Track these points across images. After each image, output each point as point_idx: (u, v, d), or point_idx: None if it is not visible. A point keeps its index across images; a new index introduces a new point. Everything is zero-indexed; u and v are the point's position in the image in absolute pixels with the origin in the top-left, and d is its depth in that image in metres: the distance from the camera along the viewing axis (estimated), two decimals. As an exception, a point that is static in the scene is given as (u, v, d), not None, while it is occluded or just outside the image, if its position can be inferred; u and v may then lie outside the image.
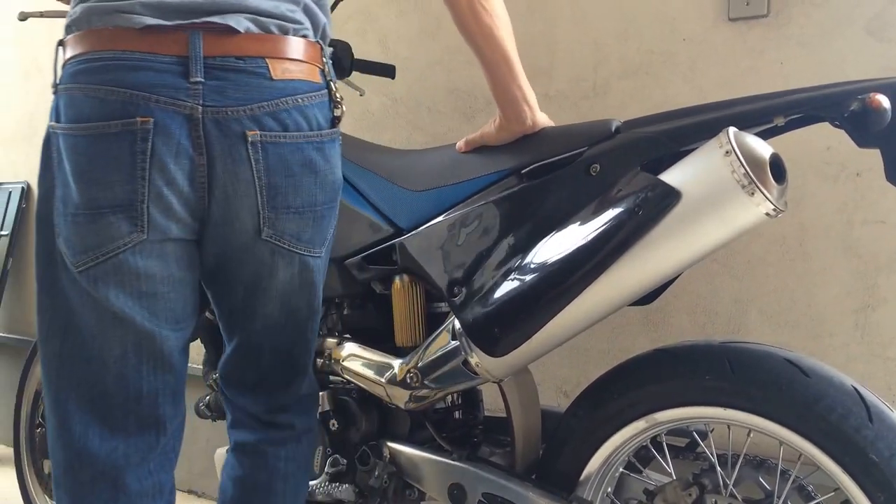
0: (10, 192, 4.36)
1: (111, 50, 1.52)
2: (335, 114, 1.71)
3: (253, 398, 1.90)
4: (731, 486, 1.71)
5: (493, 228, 1.81)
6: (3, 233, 4.28)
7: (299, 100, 1.62)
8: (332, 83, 1.71)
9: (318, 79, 1.68)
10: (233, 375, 1.90)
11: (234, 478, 1.90)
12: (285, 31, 1.61)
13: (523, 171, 1.82)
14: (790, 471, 1.69)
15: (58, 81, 1.60)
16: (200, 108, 1.52)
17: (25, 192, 4.31)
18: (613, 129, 1.72)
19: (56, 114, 1.58)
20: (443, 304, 2.04)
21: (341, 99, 1.72)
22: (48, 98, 1.59)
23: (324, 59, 1.71)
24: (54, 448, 1.66)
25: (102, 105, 1.51)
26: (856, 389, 1.56)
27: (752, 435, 1.71)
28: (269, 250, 1.66)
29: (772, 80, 2.28)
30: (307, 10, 1.67)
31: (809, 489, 1.71)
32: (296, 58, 1.62)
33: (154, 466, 1.69)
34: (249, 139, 1.56)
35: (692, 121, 1.62)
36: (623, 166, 1.64)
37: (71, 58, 1.57)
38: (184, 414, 1.77)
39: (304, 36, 1.65)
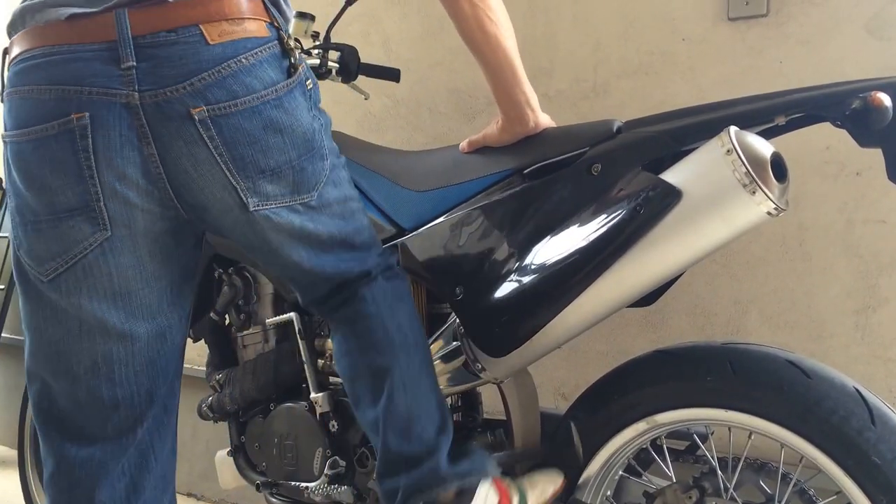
0: (11, 194, 4.31)
1: (41, 46, 1.46)
2: (291, 61, 1.58)
3: (328, 297, 1.80)
4: (731, 490, 1.71)
5: (494, 229, 1.81)
6: (4, 235, 4.25)
7: (243, 60, 1.49)
8: (281, 32, 1.58)
9: (266, 32, 1.55)
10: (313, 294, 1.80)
11: (346, 351, 1.81)
12: None
13: (525, 172, 1.81)
14: (791, 474, 1.69)
15: (2, 88, 1.55)
16: (137, 94, 1.43)
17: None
18: (615, 129, 1.72)
19: (4, 121, 1.52)
20: (444, 304, 2.03)
21: (295, 46, 1.60)
22: None
23: (268, 11, 1.57)
24: (42, 454, 1.65)
25: (39, 106, 1.45)
26: (858, 391, 1.56)
27: (752, 437, 1.71)
28: (264, 219, 1.57)
29: (771, 80, 2.28)
30: None
31: (811, 493, 1.71)
32: (234, 17, 1.50)
33: (128, 465, 1.63)
34: (196, 117, 1.45)
35: (693, 120, 1.62)
36: (624, 166, 1.64)
37: (10, 61, 1.53)
38: (175, 407, 1.72)
39: None
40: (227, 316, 2.38)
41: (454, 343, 1.89)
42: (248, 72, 1.50)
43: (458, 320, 1.87)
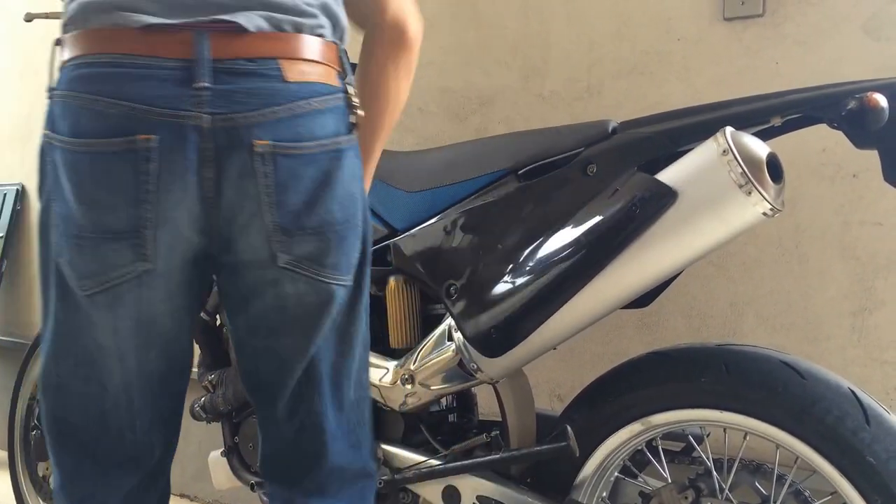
0: (5, 194, 4.35)
1: (110, 53, 1.39)
2: (351, 120, 1.55)
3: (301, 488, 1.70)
4: (727, 491, 1.71)
5: (488, 229, 1.81)
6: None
7: (314, 104, 1.46)
8: (349, 87, 1.56)
9: (336, 82, 1.53)
10: (269, 458, 1.72)
11: None
12: (300, 29, 1.47)
13: (520, 172, 1.81)
14: (786, 475, 1.69)
15: (54, 85, 1.47)
16: (208, 116, 1.38)
17: (20, 193, 4.30)
18: (610, 129, 1.71)
19: (51, 122, 1.45)
20: (438, 305, 2.03)
21: (358, 105, 1.57)
22: (43, 100, 1.51)
23: (341, 61, 1.56)
24: (53, 464, 1.62)
25: (102, 119, 1.37)
26: (853, 392, 1.56)
27: (748, 438, 1.71)
28: (290, 279, 1.49)
29: (768, 80, 2.28)
30: (325, 9, 1.53)
31: (806, 494, 1.70)
32: (311, 58, 1.48)
33: (137, 482, 1.63)
34: (258, 150, 1.40)
35: (689, 121, 1.62)
36: (620, 166, 1.64)
37: (68, 60, 1.44)
38: (176, 439, 1.71)
39: (321, 35, 1.51)
40: (218, 316, 2.38)
41: (449, 343, 1.89)
42: (314, 117, 1.47)
43: (452, 321, 1.86)
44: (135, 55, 1.38)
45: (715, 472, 1.73)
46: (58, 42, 1.50)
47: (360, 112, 1.58)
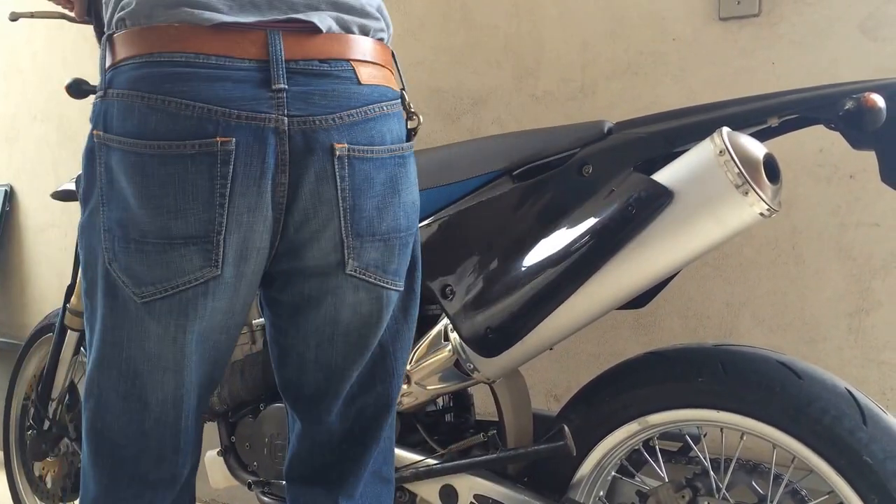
0: (-7, 196, 4.36)
1: (181, 52, 1.33)
2: (411, 126, 1.55)
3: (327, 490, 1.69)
4: (723, 490, 1.71)
5: (484, 229, 1.81)
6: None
7: (385, 107, 1.45)
8: (404, 92, 1.55)
9: (396, 86, 1.52)
10: (305, 461, 1.70)
11: None
12: (366, 32, 1.46)
13: (515, 173, 1.82)
14: (783, 475, 1.69)
15: (107, 84, 1.39)
16: (286, 119, 1.34)
17: (9, 194, 4.30)
18: (606, 130, 1.72)
19: (106, 122, 1.38)
20: (434, 306, 2.02)
21: (415, 111, 1.56)
22: (30, 99, 1.47)
23: (395, 63, 1.55)
24: (88, 474, 1.58)
25: (173, 120, 1.32)
26: (849, 392, 1.57)
27: (745, 438, 1.71)
28: (352, 287, 1.48)
29: (763, 81, 2.28)
30: (381, 11, 1.52)
31: (803, 493, 1.71)
32: (377, 62, 1.47)
33: (171, 497, 1.60)
34: (337, 153, 1.38)
35: (685, 122, 1.62)
36: (616, 167, 1.64)
37: (126, 58, 1.37)
38: (198, 460, 1.67)
39: (381, 39, 1.50)
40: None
41: (445, 343, 1.90)
42: (384, 121, 1.46)
43: (448, 321, 1.87)
44: (208, 55, 1.33)
45: (712, 472, 1.74)
46: (109, 39, 1.42)
47: (420, 119, 1.57)
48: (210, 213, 1.34)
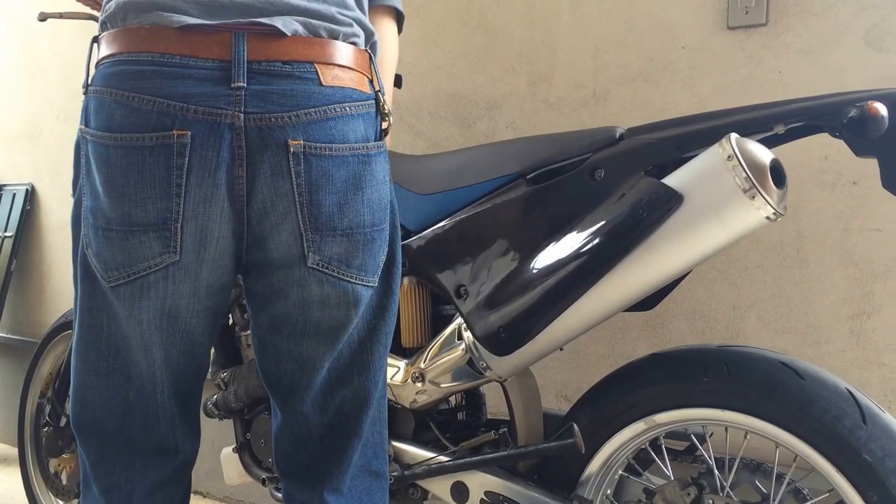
0: (14, 194, 4.36)
1: (148, 52, 1.42)
2: (382, 126, 1.59)
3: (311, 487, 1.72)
4: (728, 489, 1.74)
5: (498, 231, 1.83)
6: (6, 234, 4.28)
7: (348, 108, 1.50)
8: (380, 94, 1.59)
9: (367, 89, 1.56)
10: (290, 456, 1.73)
11: None
12: (335, 36, 1.51)
13: (529, 176, 1.84)
14: (785, 474, 1.71)
15: (89, 82, 1.49)
16: (242, 115, 1.41)
17: (30, 193, 4.32)
18: (617, 135, 1.74)
19: (86, 117, 1.48)
20: (448, 306, 2.05)
21: (389, 111, 1.61)
22: (52, 99, 1.53)
23: (372, 69, 1.59)
24: (81, 455, 1.67)
25: (136, 115, 1.40)
26: (850, 392, 1.59)
27: (748, 437, 1.74)
28: (316, 280, 1.52)
29: (770, 89, 2.31)
30: (359, 22, 1.58)
31: (804, 492, 1.73)
32: (345, 64, 1.51)
33: (164, 493, 1.68)
34: (291, 149, 1.43)
35: (695, 128, 1.64)
36: (627, 171, 1.67)
37: (104, 57, 1.47)
38: (198, 442, 1.74)
39: (354, 43, 1.55)
40: (230, 315, 2.41)
41: (458, 342, 1.92)
42: (346, 121, 1.50)
43: (462, 321, 1.90)
44: (173, 55, 1.41)
45: (717, 471, 1.76)
46: (95, 40, 1.53)
47: (391, 119, 1.61)
48: (167, 201, 1.41)
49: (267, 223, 1.47)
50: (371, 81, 1.58)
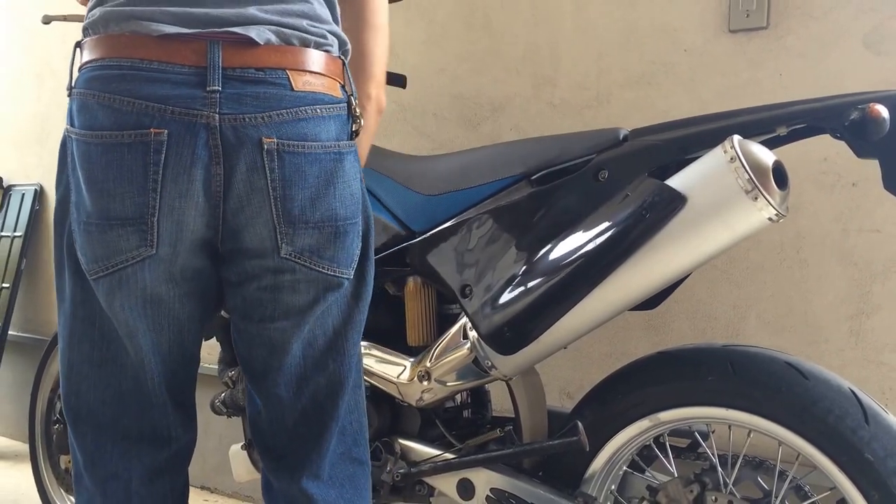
0: (24, 194, 4.39)
1: (128, 58, 1.47)
2: (353, 128, 1.64)
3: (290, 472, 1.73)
4: (730, 486, 1.75)
5: (503, 232, 1.85)
6: (16, 234, 4.31)
7: (318, 110, 1.55)
8: (352, 98, 1.64)
9: (339, 93, 1.61)
10: (267, 444, 1.75)
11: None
12: (306, 44, 1.56)
13: (533, 177, 1.85)
14: (788, 471, 1.73)
15: (73, 85, 1.56)
16: (217, 116, 1.46)
17: (39, 194, 4.35)
18: (621, 137, 1.76)
19: (70, 117, 1.54)
20: (454, 305, 2.07)
21: (360, 114, 1.66)
22: (61, 101, 1.57)
23: (345, 74, 1.65)
24: (75, 449, 1.69)
25: (117, 115, 1.46)
26: (853, 392, 1.61)
27: (751, 435, 1.75)
28: (289, 270, 1.57)
29: (771, 91, 2.32)
30: (333, 32, 1.63)
31: (806, 489, 1.74)
32: (317, 71, 1.56)
33: (162, 481, 1.70)
34: (265, 146, 1.48)
35: (698, 129, 1.66)
36: (631, 172, 1.68)
37: (87, 62, 1.53)
38: (195, 433, 1.77)
39: (327, 51, 1.60)
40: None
41: (464, 341, 1.93)
42: (318, 122, 1.55)
43: (467, 320, 1.91)
44: (151, 60, 1.47)
45: (719, 468, 1.77)
46: (78, 45, 1.59)
47: (362, 121, 1.67)
48: (144, 196, 1.46)
49: (242, 217, 1.52)
50: (343, 86, 1.64)
